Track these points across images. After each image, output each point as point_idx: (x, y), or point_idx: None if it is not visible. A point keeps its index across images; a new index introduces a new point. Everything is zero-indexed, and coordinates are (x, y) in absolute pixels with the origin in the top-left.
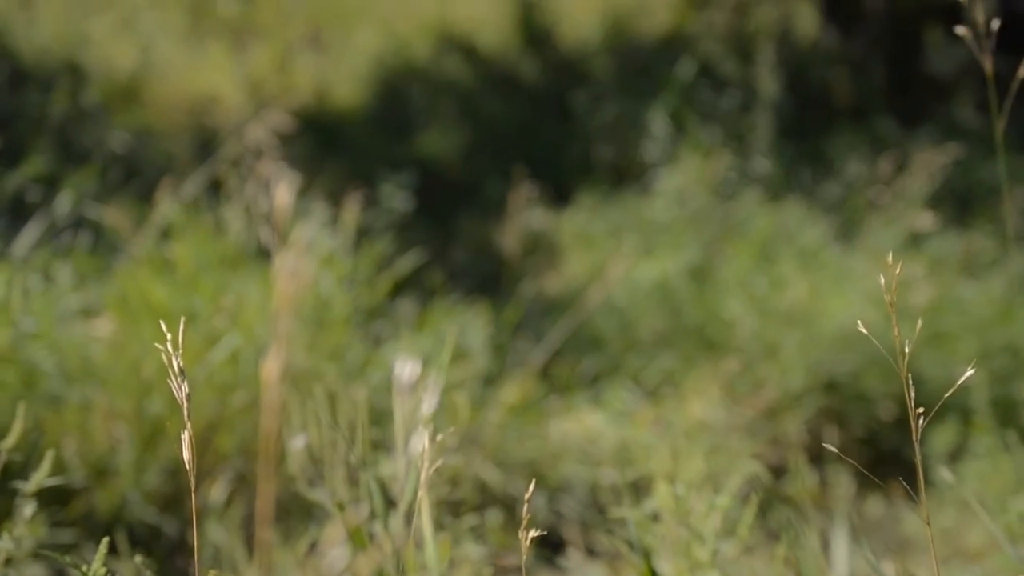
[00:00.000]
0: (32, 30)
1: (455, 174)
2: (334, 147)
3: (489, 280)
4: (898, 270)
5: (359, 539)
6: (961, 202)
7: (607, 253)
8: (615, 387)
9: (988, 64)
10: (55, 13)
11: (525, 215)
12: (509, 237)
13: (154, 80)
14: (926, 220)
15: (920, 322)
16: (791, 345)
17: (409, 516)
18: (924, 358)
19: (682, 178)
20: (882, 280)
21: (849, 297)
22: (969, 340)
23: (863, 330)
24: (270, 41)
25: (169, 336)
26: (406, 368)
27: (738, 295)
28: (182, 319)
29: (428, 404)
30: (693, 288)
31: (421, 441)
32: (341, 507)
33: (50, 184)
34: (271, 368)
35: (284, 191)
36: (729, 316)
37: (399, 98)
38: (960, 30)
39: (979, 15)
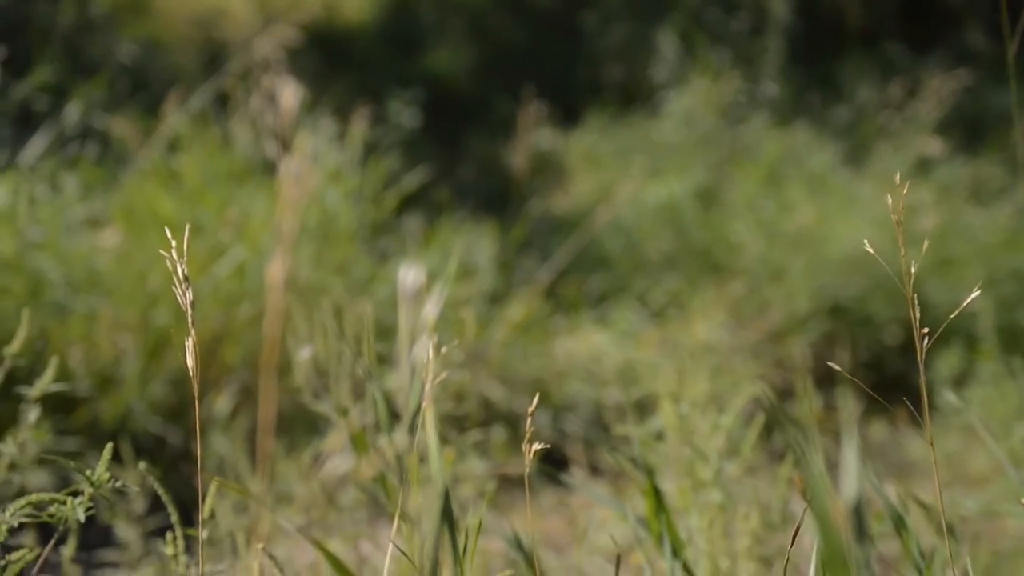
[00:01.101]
0: None
1: (464, 92)
2: (342, 62)
3: (496, 198)
4: (905, 193)
5: (362, 444)
6: (971, 128)
7: (615, 174)
8: (621, 307)
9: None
10: None
11: (533, 134)
12: (517, 156)
13: None
14: (935, 146)
15: (926, 244)
16: (797, 269)
17: (413, 427)
18: (931, 283)
19: (691, 100)
20: (889, 202)
21: (856, 222)
22: (976, 266)
23: (870, 250)
24: None
25: (174, 244)
26: (410, 275)
27: (745, 218)
28: (187, 228)
29: (432, 312)
30: (700, 210)
31: (425, 350)
32: (344, 412)
33: (58, 94)
34: (275, 272)
35: (289, 100)
36: (736, 239)
37: (408, 14)
38: None
39: None
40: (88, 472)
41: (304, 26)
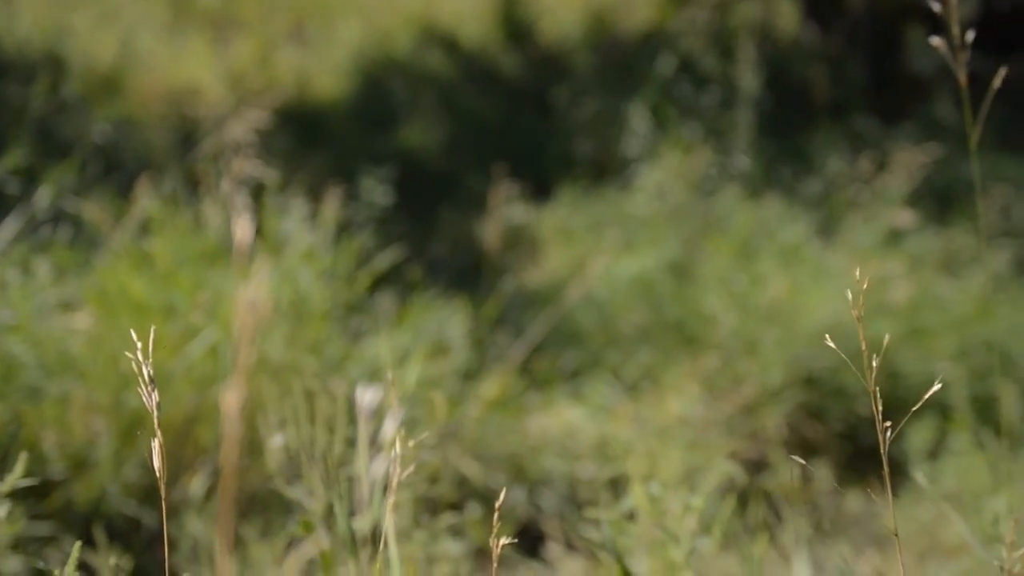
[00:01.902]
0: (13, 21)
1: (436, 167)
2: (315, 140)
3: (469, 274)
4: (876, 264)
5: (328, 565)
6: (940, 200)
7: (587, 248)
8: (595, 382)
9: (962, 76)
10: (36, 4)
11: (505, 209)
12: (489, 231)
13: (135, 71)
14: (905, 218)
15: (890, 325)
16: (770, 341)
17: (376, 541)
18: (903, 354)
19: (662, 174)
20: (859, 274)
21: (828, 293)
22: (948, 337)
23: (831, 344)
24: (252, 33)
25: (140, 345)
26: (367, 395)
27: (718, 291)
28: (152, 329)
29: (390, 427)
30: (673, 283)
31: (383, 467)
32: (309, 527)
33: (30, 177)
34: (230, 402)
35: (245, 225)
36: (709, 312)
37: (380, 91)
38: (935, 40)
39: (955, 24)
40: (57, 572)
41: (277, 105)
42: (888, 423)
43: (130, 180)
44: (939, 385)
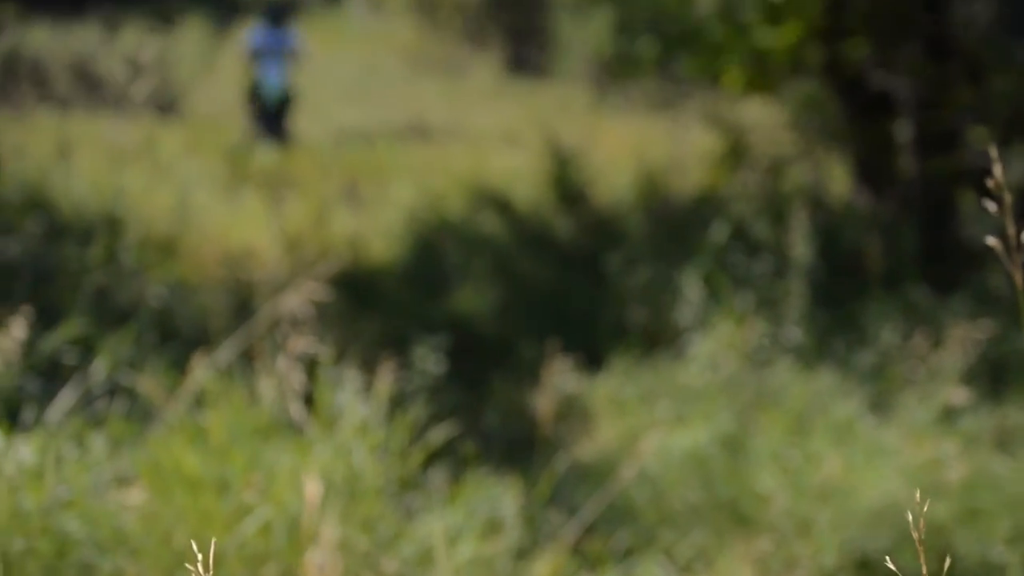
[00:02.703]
0: (70, 183)
1: (489, 333)
2: (369, 304)
3: (522, 445)
4: (930, 443)
5: None
6: (995, 375)
7: (640, 420)
8: (647, 563)
9: (1018, 278)
10: (93, 165)
11: (558, 378)
12: (542, 401)
13: (191, 233)
14: (960, 395)
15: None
16: (824, 522)
17: None
18: (959, 535)
19: (715, 344)
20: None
21: (883, 472)
22: (1004, 517)
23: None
24: (306, 193)
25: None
26: None
27: (771, 469)
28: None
29: None
30: (726, 459)
31: None
32: None
33: (86, 346)
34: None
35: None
36: (762, 490)
37: (433, 254)
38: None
39: (1010, 226)
40: None
41: (331, 275)
42: None
43: (186, 348)
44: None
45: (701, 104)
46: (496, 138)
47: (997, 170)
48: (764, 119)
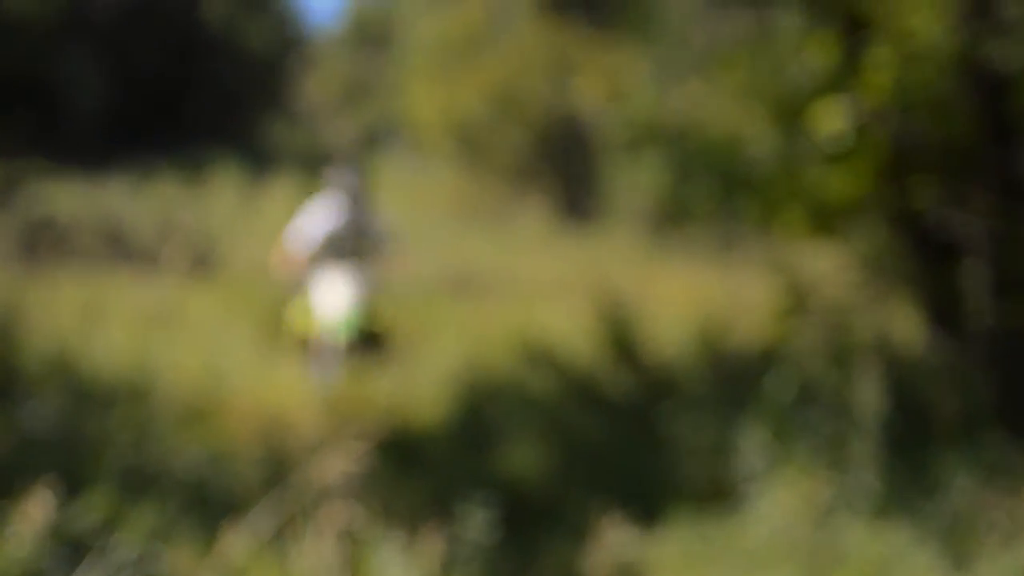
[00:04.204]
0: (96, 348)
1: (539, 493)
2: (413, 464)
3: None
4: None
5: None
6: None
7: None
8: None
9: None
10: (120, 329)
11: (612, 541)
12: (596, 564)
13: (223, 398)
14: None
15: None
16: None
17: None
18: None
19: (779, 501)
20: None
21: None
22: None
23: None
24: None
25: None
26: None
27: None
28: None
29: None
30: None
31: None
32: None
33: (112, 519)
34: None
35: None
36: None
37: (481, 412)
38: None
39: None
40: None
41: (370, 437)
42: None
43: (218, 517)
44: None
45: (761, 249)
46: (547, 288)
47: None
48: (828, 264)
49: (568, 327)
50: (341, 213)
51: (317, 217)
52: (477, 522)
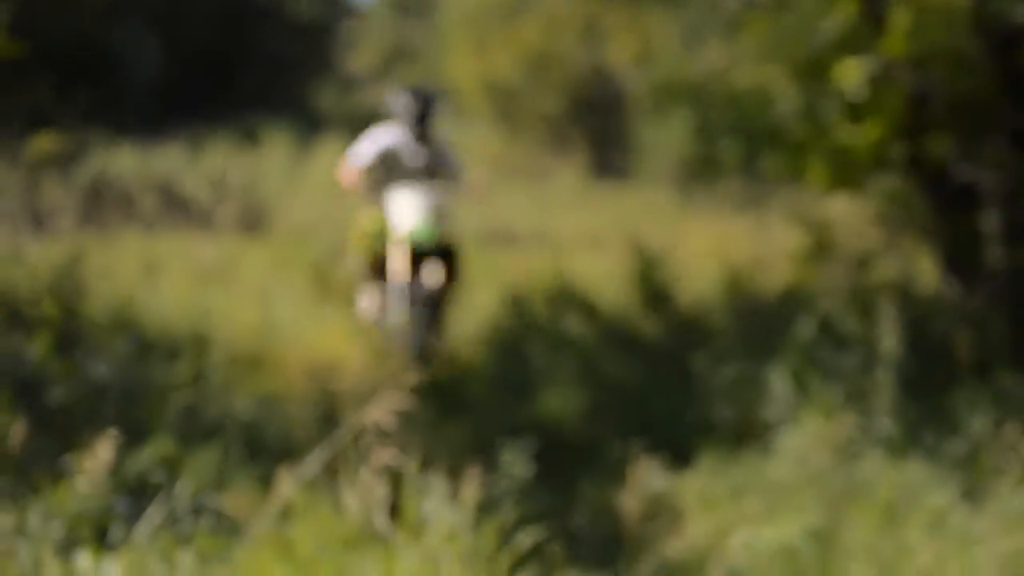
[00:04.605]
0: (156, 303)
1: (575, 435)
2: (454, 409)
3: (611, 544)
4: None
5: None
6: None
7: (728, 516)
8: None
9: None
10: (179, 284)
11: (645, 477)
12: (629, 500)
13: (277, 347)
14: None
15: None
16: None
17: None
18: None
19: (804, 438)
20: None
21: (976, 561)
22: None
23: None
24: None
25: None
26: None
27: (863, 562)
28: None
29: None
30: (817, 554)
31: None
32: None
33: (173, 464)
34: None
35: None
36: None
37: (519, 357)
38: None
39: None
40: None
41: (415, 384)
42: None
43: (273, 462)
44: None
45: (785, 201)
46: (581, 242)
47: None
48: (849, 214)
49: (602, 275)
50: (403, 137)
51: (375, 138)
52: (515, 462)
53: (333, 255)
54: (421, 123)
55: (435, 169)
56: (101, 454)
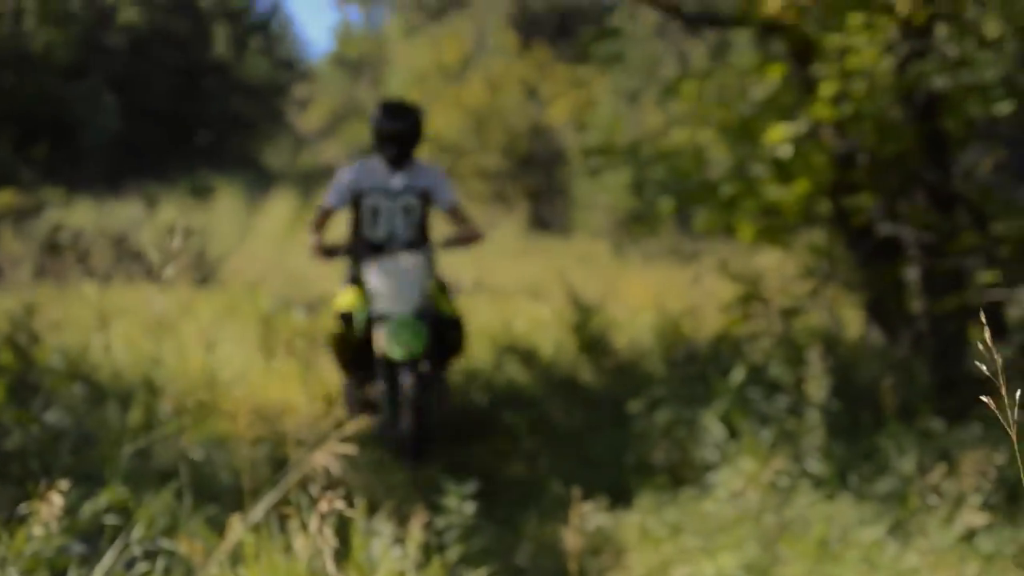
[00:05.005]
0: (109, 351)
1: (519, 477)
2: (400, 453)
3: None
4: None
5: None
6: (1010, 497)
7: (669, 551)
8: None
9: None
10: (131, 333)
11: (586, 515)
12: (571, 537)
13: (226, 393)
14: (978, 518)
15: None
16: None
17: None
18: None
19: (738, 478)
20: None
21: None
22: None
23: None
24: None
25: None
26: None
27: None
28: None
29: None
30: None
31: None
32: None
33: (127, 508)
34: None
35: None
36: None
37: (462, 403)
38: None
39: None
40: None
41: (362, 431)
42: None
43: (224, 502)
44: None
45: (717, 254)
46: (521, 291)
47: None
48: (777, 267)
49: (541, 323)
50: (377, 165)
51: (341, 176)
52: (460, 505)
53: (281, 306)
54: (399, 144)
55: (420, 196)
56: (55, 499)
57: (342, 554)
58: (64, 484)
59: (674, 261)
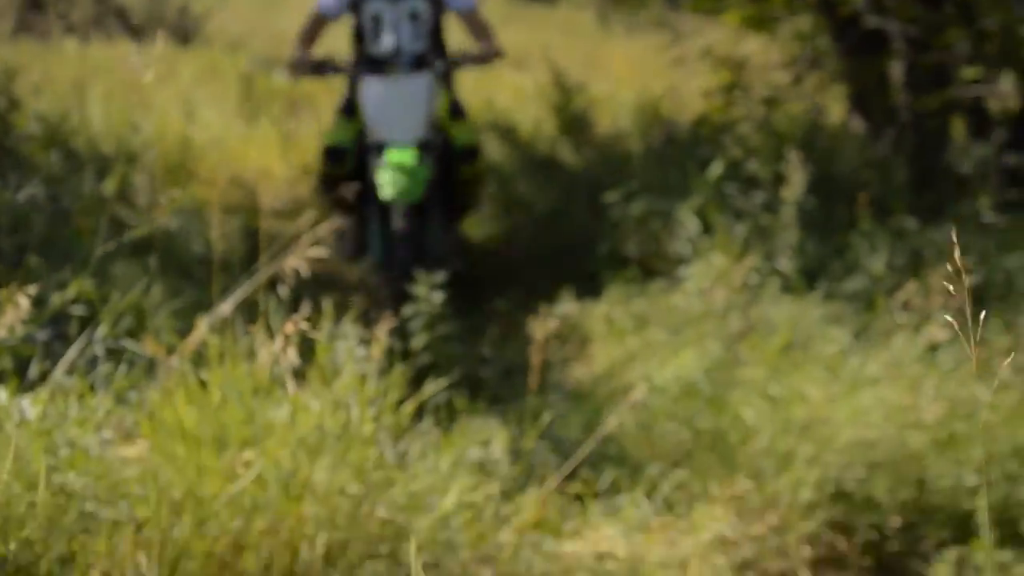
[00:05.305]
0: (88, 117)
1: (492, 259)
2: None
3: (519, 368)
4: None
5: None
6: (978, 301)
7: (634, 344)
8: (631, 499)
9: None
10: (110, 97)
11: (556, 303)
12: (539, 325)
13: (204, 159)
14: (944, 326)
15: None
16: (804, 457)
17: None
18: (934, 462)
19: (708, 275)
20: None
21: (864, 404)
22: (978, 444)
23: None
24: (320, 117)
25: None
26: None
27: (756, 402)
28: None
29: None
30: (714, 391)
31: None
32: None
33: (95, 301)
34: None
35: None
36: (746, 426)
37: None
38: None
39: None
40: None
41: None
42: None
43: (195, 277)
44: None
45: (701, 36)
46: (505, 61)
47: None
48: (763, 55)
49: (523, 96)
50: None
51: None
52: (428, 293)
53: (263, 68)
54: None
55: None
56: (22, 302)
57: (307, 358)
58: (32, 288)
59: (659, 36)
